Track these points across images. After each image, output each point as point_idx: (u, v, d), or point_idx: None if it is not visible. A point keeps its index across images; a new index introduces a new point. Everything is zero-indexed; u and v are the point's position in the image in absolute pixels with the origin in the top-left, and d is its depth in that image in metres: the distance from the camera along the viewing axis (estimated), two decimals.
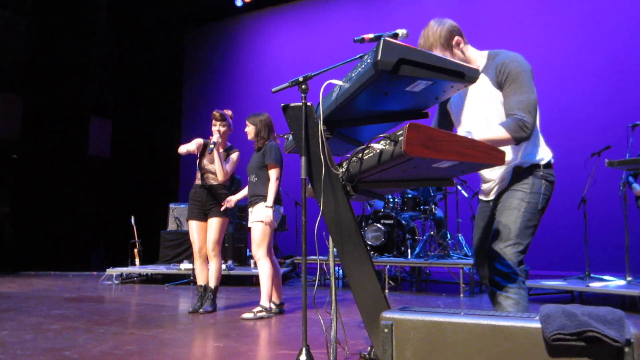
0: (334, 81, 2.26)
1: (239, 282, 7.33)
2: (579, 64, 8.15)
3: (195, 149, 4.80)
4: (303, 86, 2.50)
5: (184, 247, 8.24)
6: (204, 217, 4.80)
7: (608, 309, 1.46)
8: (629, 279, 5.32)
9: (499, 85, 2.34)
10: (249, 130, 4.69)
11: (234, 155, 4.91)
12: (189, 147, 4.79)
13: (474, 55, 2.48)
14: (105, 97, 12.49)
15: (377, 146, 1.99)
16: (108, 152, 12.74)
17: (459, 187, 7.24)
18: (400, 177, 2.24)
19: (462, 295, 6.00)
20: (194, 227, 4.80)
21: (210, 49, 12.44)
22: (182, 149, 4.79)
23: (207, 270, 4.80)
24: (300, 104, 2.42)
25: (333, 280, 2.35)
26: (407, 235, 6.92)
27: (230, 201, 4.78)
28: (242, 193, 4.91)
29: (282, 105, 2.45)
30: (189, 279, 7.29)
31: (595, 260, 6.41)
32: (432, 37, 2.42)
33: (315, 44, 10.59)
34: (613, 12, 7.98)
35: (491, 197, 2.56)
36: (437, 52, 2.40)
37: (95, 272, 9.28)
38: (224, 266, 7.03)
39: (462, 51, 2.45)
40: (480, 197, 2.68)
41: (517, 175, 2.40)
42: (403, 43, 1.93)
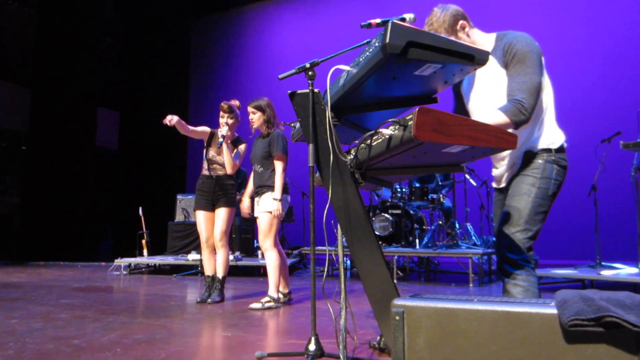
0: (342, 66, 2.22)
1: (246, 273, 7.33)
2: (590, 50, 8.05)
3: (197, 132, 4.84)
4: (310, 72, 2.46)
5: (191, 238, 8.25)
6: (211, 207, 4.77)
7: (627, 293, 1.42)
8: None
9: (505, 65, 2.29)
10: (256, 118, 4.56)
11: (242, 147, 4.86)
12: (194, 130, 4.81)
13: (480, 39, 2.44)
14: (113, 88, 12.50)
15: (386, 131, 1.95)
16: (116, 143, 12.76)
17: (467, 176, 7.18)
18: (410, 163, 2.20)
19: (471, 285, 5.97)
20: (201, 217, 4.78)
21: (216, 39, 12.39)
22: (186, 126, 4.78)
23: (214, 261, 4.79)
24: (307, 90, 2.38)
25: (342, 268, 2.32)
26: (415, 225, 6.88)
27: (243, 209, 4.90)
28: (250, 187, 4.85)
29: (289, 92, 2.41)
30: (196, 270, 7.29)
31: (607, 248, 6.35)
32: (436, 22, 2.39)
33: (321, 33, 10.52)
34: None
35: (503, 184, 2.51)
36: None
37: (103, 263, 9.31)
38: (231, 257, 7.03)
39: (468, 35, 2.41)
40: (494, 184, 2.63)
41: (528, 160, 2.35)
42: (412, 26, 1.89)
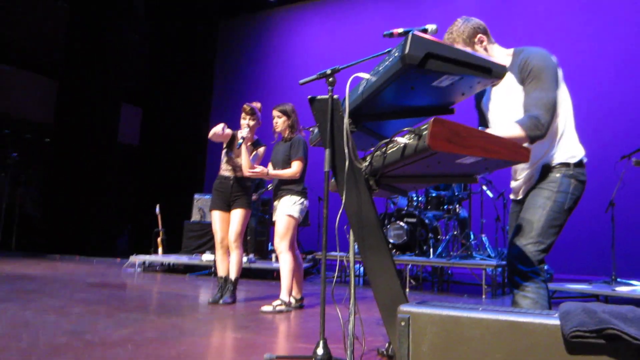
0: (361, 74, 2.25)
1: (259, 276, 7.37)
2: (613, 65, 7.98)
3: (223, 136, 4.82)
4: (330, 79, 2.51)
5: (206, 238, 8.32)
6: (227, 208, 4.82)
7: (630, 307, 1.43)
8: None
9: (522, 81, 2.31)
10: (281, 122, 4.62)
11: (261, 150, 4.89)
12: (218, 132, 4.80)
13: (498, 53, 2.47)
14: (137, 85, 12.68)
15: (401, 140, 1.97)
16: (137, 139, 12.92)
17: (484, 187, 7.15)
18: (424, 172, 2.22)
19: (484, 296, 5.94)
20: (216, 217, 4.83)
21: (243, 40, 12.51)
22: (215, 133, 4.81)
23: (228, 262, 4.83)
24: (326, 96, 2.42)
25: (352, 273, 2.34)
26: (430, 235, 6.87)
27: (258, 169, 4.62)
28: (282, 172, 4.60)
29: (309, 97, 2.45)
30: (210, 270, 7.35)
31: (622, 265, 6.28)
32: (456, 32, 2.44)
33: (345, 40, 10.58)
34: None
35: (520, 197, 2.53)
36: (459, 47, 2.39)
37: (119, 259, 9.43)
38: (245, 259, 7.08)
39: (485, 49, 2.44)
40: (511, 196, 2.65)
41: (545, 174, 2.36)
42: (431, 37, 1.92)
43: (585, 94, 7.76)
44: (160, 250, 8.42)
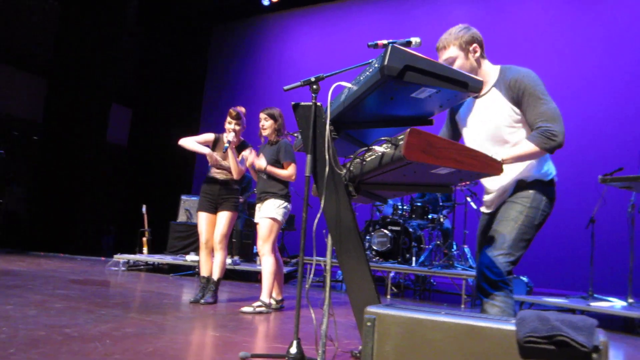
0: (343, 83, 2.32)
1: (243, 278, 7.41)
2: (596, 85, 8.13)
3: (203, 151, 4.85)
4: (314, 86, 2.57)
5: (192, 239, 8.34)
6: (213, 210, 4.86)
7: (582, 317, 1.51)
8: (630, 300, 5.30)
9: (514, 102, 2.38)
10: (268, 125, 4.67)
11: (247, 152, 4.95)
12: (197, 148, 4.84)
13: (487, 68, 2.53)
14: (128, 85, 12.68)
15: (379, 149, 2.05)
16: (126, 140, 12.91)
17: (469, 199, 7.25)
18: (401, 180, 2.29)
19: (463, 306, 6.01)
20: (203, 218, 4.87)
21: (235, 45, 12.56)
22: (189, 144, 4.84)
23: (211, 263, 4.87)
24: (310, 103, 2.48)
25: (329, 276, 2.40)
26: (413, 243, 6.95)
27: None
28: (280, 171, 4.63)
29: (293, 103, 2.51)
30: (194, 271, 7.37)
31: (600, 281, 6.38)
32: (454, 35, 2.49)
33: (337, 47, 10.67)
34: (628, 32, 7.95)
35: (492, 209, 2.59)
36: (453, 49, 2.47)
37: (103, 258, 9.42)
38: (229, 261, 7.11)
39: (477, 60, 2.50)
40: (482, 209, 2.71)
41: (519, 189, 2.44)
42: (411, 50, 1.99)
43: (567, 114, 7.89)
44: (145, 249, 8.43)
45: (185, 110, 12.46)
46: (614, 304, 5.35)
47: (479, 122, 2.54)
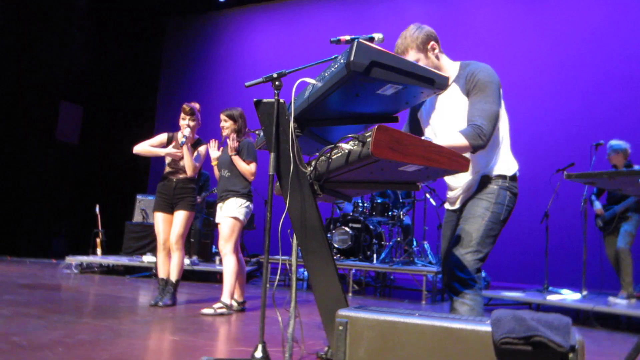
0: (307, 79, 2.26)
1: (202, 279, 7.26)
2: (548, 83, 8.33)
3: (160, 153, 4.81)
4: (277, 83, 2.50)
5: (148, 240, 8.11)
6: (170, 209, 4.75)
7: (557, 315, 1.49)
8: (584, 293, 5.45)
9: (467, 93, 2.37)
10: (228, 126, 4.59)
11: (202, 149, 4.87)
12: (154, 151, 4.81)
13: (446, 64, 2.52)
14: (78, 82, 12.25)
15: (346, 146, 1.99)
16: (77, 138, 12.48)
17: (428, 195, 7.31)
18: (368, 178, 2.26)
19: (424, 302, 6.06)
20: (159, 218, 4.75)
21: (190, 41, 12.33)
22: (144, 149, 4.76)
23: (169, 264, 4.75)
24: (272, 100, 2.41)
25: (294, 277, 2.34)
26: (374, 240, 6.96)
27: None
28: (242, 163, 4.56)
29: (255, 100, 2.44)
30: (150, 272, 7.19)
31: (555, 274, 6.54)
32: (410, 38, 2.45)
33: (294, 43, 10.60)
34: (580, 31, 8.19)
35: (457, 206, 2.58)
36: (412, 53, 2.44)
37: (54, 260, 9.09)
38: (188, 261, 6.96)
39: (437, 57, 2.48)
40: (446, 206, 2.70)
41: (483, 185, 2.44)
42: (377, 46, 1.95)
43: (522, 109, 8.06)
44: (99, 251, 8.17)
45: (139, 106, 12.16)
46: (569, 296, 5.49)
47: (440, 118, 2.52)
